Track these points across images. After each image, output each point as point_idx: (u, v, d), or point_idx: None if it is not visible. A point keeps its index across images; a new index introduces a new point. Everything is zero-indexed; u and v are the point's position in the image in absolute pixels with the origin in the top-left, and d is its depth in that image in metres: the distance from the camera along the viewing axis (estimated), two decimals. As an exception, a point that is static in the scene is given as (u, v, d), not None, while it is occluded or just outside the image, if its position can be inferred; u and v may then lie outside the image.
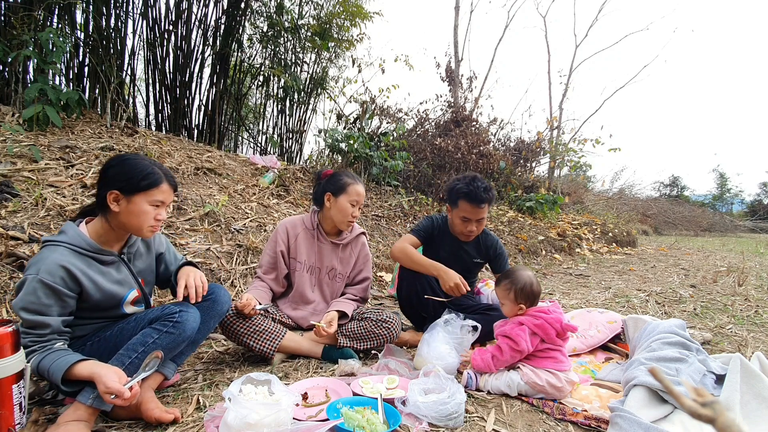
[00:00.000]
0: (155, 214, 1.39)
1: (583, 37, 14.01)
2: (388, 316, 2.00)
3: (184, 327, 1.37)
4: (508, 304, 1.76)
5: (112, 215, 1.37)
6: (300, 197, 4.54)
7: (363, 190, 2.09)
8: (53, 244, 1.31)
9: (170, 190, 1.42)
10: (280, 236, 2.11)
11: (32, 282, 1.23)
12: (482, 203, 2.09)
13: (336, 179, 2.09)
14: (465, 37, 10.87)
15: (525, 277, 1.75)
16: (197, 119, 5.47)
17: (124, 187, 1.34)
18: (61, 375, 1.18)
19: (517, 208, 7.58)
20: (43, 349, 1.24)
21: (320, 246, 2.15)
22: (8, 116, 3.49)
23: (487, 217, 2.22)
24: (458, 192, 2.13)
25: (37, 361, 1.22)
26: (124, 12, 4.58)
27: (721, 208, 26.03)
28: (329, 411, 1.36)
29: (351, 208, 2.05)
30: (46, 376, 1.21)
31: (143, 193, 1.35)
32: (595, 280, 4.54)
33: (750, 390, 1.40)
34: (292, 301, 2.11)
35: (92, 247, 1.36)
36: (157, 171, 1.39)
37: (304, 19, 5.84)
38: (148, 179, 1.36)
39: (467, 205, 2.10)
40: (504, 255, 2.37)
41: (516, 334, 1.62)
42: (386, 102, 7.22)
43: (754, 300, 3.48)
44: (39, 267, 1.24)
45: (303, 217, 2.19)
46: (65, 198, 2.81)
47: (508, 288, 1.74)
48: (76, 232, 1.35)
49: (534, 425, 1.42)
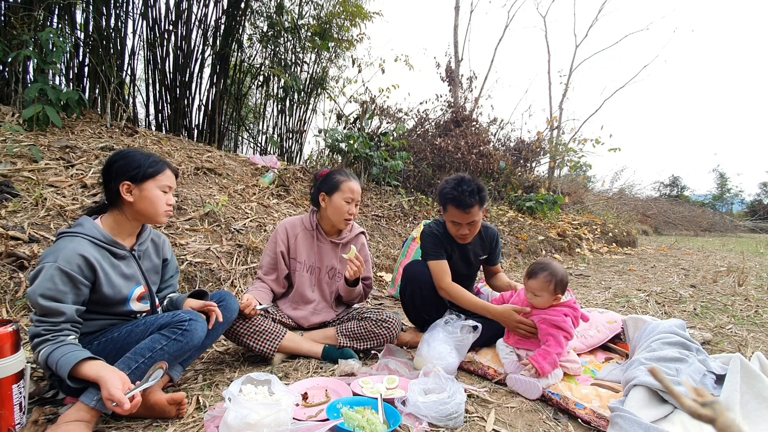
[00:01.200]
0: (166, 199, 1.47)
1: (583, 37, 14.04)
2: (388, 316, 2.00)
3: (192, 336, 1.38)
4: (545, 296, 1.78)
5: (127, 206, 1.42)
6: (300, 197, 4.54)
7: (357, 186, 2.07)
8: (70, 235, 1.34)
9: (173, 176, 1.51)
10: (279, 237, 2.11)
11: (50, 269, 1.24)
12: (469, 207, 1.97)
13: (329, 178, 2.09)
14: (465, 37, 10.88)
15: (560, 268, 1.80)
16: (197, 119, 5.48)
17: (134, 176, 1.41)
18: (69, 370, 1.18)
19: (517, 208, 7.58)
20: (55, 340, 1.23)
21: (320, 246, 2.14)
22: (8, 116, 3.49)
23: (483, 218, 2.15)
24: (445, 197, 2.04)
25: (47, 352, 1.21)
26: (124, 12, 4.58)
27: (721, 208, 26.04)
28: (329, 411, 1.36)
29: (346, 206, 2.03)
30: (53, 368, 1.21)
31: (152, 179, 1.43)
32: (595, 280, 4.54)
33: (750, 390, 1.40)
34: (293, 301, 2.11)
35: (107, 239, 1.39)
36: (159, 159, 1.48)
37: (304, 19, 5.85)
38: (153, 166, 1.44)
39: (455, 210, 2.01)
40: (501, 246, 2.39)
41: (569, 326, 1.72)
42: (386, 102, 7.23)
43: (754, 300, 3.48)
44: (57, 255, 1.26)
45: (302, 218, 2.20)
46: (65, 198, 2.81)
47: (549, 280, 1.76)
48: (93, 225, 1.39)
49: (534, 425, 1.42)
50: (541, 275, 1.77)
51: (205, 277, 2.68)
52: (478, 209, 2.01)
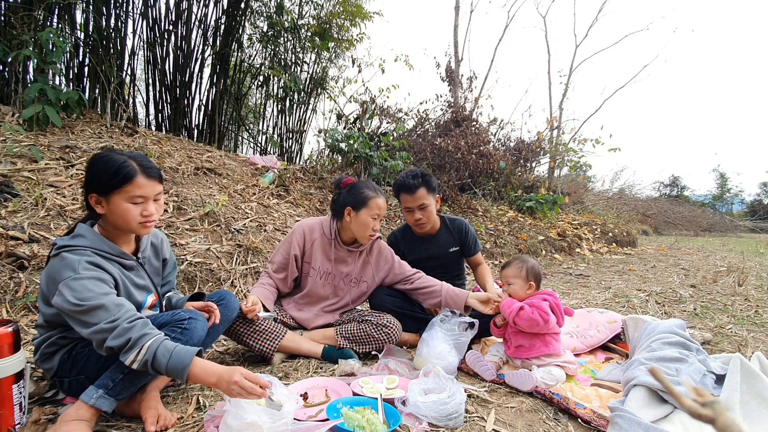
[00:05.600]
0: (141, 210, 1.31)
1: (583, 37, 14.02)
2: (388, 321, 1.98)
3: (192, 334, 1.37)
4: (518, 283, 1.86)
5: (104, 218, 1.33)
6: (300, 197, 4.54)
7: (384, 202, 2.02)
8: (77, 249, 1.25)
9: (150, 183, 1.31)
10: (296, 239, 2.06)
11: (75, 281, 1.16)
12: (414, 189, 2.18)
13: (357, 192, 2.01)
14: (465, 37, 10.88)
15: (532, 259, 1.94)
16: (197, 119, 5.48)
17: (99, 188, 1.28)
18: (186, 370, 1.15)
19: (517, 208, 7.58)
20: (152, 332, 1.17)
21: (337, 253, 2.09)
22: (8, 116, 3.49)
23: (438, 208, 2.32)
24: (395, 186, 2.29)
25: (154, 347, 1.15)
26: (124, 12, 4.59)
27: (721, 208, 26.03)
28: (329, 411, 1.36)
29: (372, 222, 1.99)
30: (161, 367, 1.15)
31: (117, 191, 1.27)
32: (595, 280, 4.54)
33: (750, 390, 1.40)
34: (299, 302, 2.09)
35: (115, 251, 1.33)
36: (130, 164, 1.28)
37: (304, 19, 5.85)
38: (118, 175, 1.26)
39: (404, 195, 2.23)
40: (473, 234, 2.39)
41: (542, 306, 1.73)
42: (386, 102, 7.25)
43: (754, 300, 3.48)
44: (74, 266, 1.18)
45: (322, 222, 2.13)
46: (65, 198, 2.81)
47: (520, 267, 1.87)
48: (96, 236, 1.31)
49: (534, 425, 1.42)
50: (514, 263, 1.92)
51: (205, 277, 2.68)
52: (425, 192, 2.20)
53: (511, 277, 1.88)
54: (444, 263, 2.36)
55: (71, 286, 1.16)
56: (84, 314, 1.16)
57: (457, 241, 2.35)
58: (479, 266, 2.38)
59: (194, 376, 1.17)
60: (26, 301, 2.07)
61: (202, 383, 1.20)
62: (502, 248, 5.50)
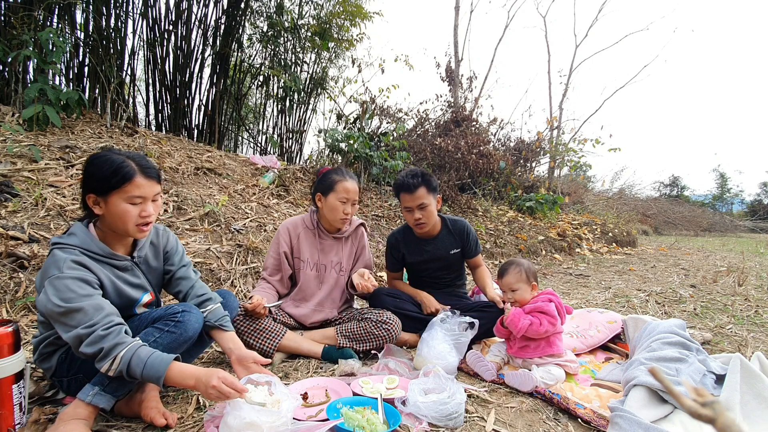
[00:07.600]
0: (139, 211, 1.29)
1: (583, 37, 14.01)
2: (388, 318, 2.00)
3: (185, 327, 1.35)
4: (523, 287, 1.85)
5: (101, 219, 1.32)
6: (300, 197, 4.54)
7: (353, 185, 2.05)
8: (66, 247, 1.24)
9: (149, 183, 1.30)
10: (282, 237, 2.12)
11: (59, 281, 1.16)
12: (414, 188, 2.16)
13: (325, 178, 2.08)
14: (465, 37, 10.88)
15: (523, 259, 1.95)
16: (197, 119, 5.48)
17: (97, 188, 1.26)
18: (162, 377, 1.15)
19: (517, 208, 7.58)
20: (125, 341, 1.16)
21: (322, 243, 2.16)
22: (8, 116, 3.49)
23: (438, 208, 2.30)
24: (395, 186, 2.28)
25: (127, 357, 1.15)
26: (124, 12, 4.58)
27: (721, 208, 26.02)
28: (329, 411, 1.36)
29: (341, 206, 2.03)
30: (136, 373, 1.15)
31: (116, 191, 1.25)
32: (595, 280, 4.54)
33: (750, 390, 1.40)
34: (294, 299, 2.12)
35: (105, 252, 1.31)
36: (129, 164, 1.27)
37: (304, 19, 5.85)
38: (117, 175, 1.24)
39: (403, 195, 2.21)
40: (474, 236, 2.38)
41: (551, 310, 1.73)
42: (386, 102, 7.25)
43: (754, 300, 3.48)
44: (59, 265, 1.18)
45: (303, 217, 2.21)
46: (65, 198, 2.81)
47: (519, 271, 1.86)
48: (87, 236, 1.29)
49: (534, 425, 1.42)
50: (511, 269, 1.88)
51: (205, 277, 2.68)
52: (425, 191, 2.18)
53: (514, 284, 1.86)
54: (445, 265, 2.36)
55: (54, 285, 1.16)
56: (63, 316, 1.15)
57: (459, 242, 2.34)
58: (478, 268, 2.38)
59: (172, 380, 1.17)
60: (26, 301, 2.07)
61: (181, 387, 1.20)
62: (502, 248, 5.50)
